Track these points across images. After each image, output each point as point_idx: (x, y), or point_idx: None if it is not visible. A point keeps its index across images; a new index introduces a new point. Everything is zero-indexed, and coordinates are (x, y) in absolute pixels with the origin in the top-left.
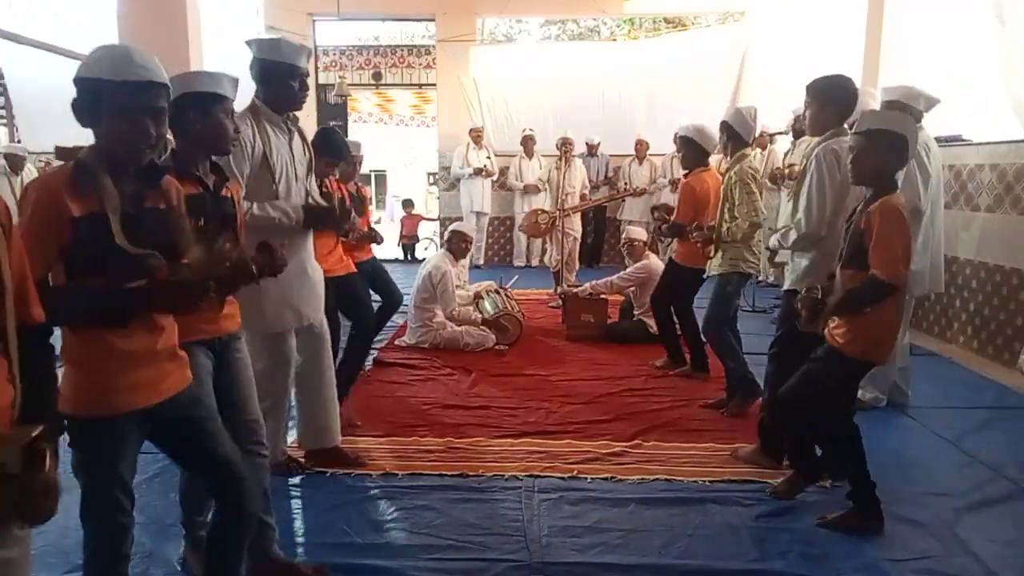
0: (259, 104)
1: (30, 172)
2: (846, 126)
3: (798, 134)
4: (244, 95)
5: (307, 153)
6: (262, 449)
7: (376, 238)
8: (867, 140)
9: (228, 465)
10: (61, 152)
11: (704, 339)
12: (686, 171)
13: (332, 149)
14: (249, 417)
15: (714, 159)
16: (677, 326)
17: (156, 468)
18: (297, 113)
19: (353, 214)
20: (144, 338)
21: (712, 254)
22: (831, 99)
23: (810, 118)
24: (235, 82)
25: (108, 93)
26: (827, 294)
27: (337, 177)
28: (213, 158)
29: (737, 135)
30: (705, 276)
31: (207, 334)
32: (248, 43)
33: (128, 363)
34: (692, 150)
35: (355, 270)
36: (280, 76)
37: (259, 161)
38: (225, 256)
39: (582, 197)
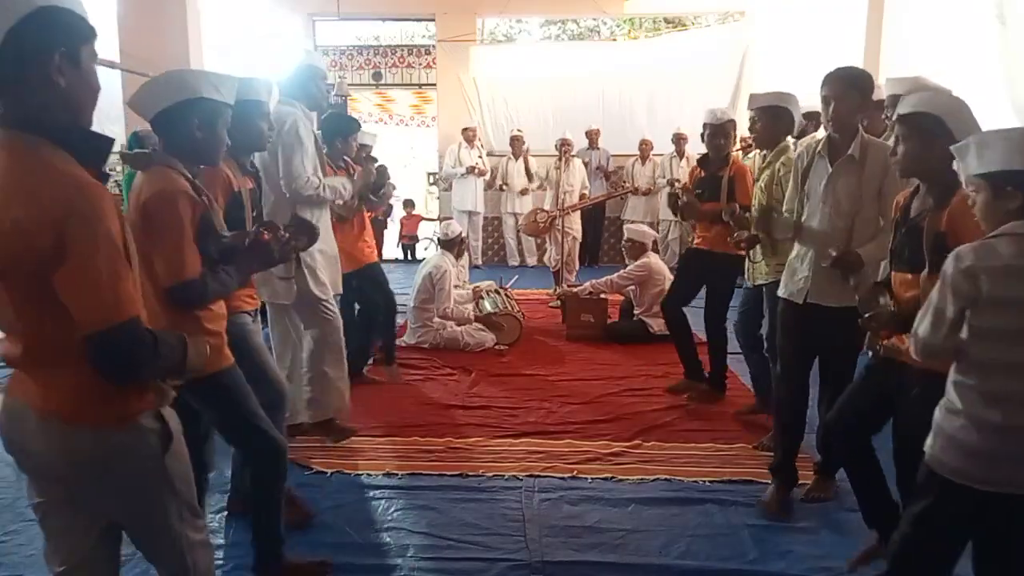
0: (295, 103)
1: None
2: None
3: (800, 133)
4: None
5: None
6: (286, 405)
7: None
8: (901, 126)
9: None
10: (129, 159)
11: (771, 358)
12: (749, 151)
13: (350, 123)
14: (275, 380)
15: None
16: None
17: None
18: None
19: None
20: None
21: (755, 258)
22: (859, 90)
23: (842, 112)
24: (269, 86)
25: (225, 115)
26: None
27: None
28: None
29: (792, 122)
30: (751, 285)
31: (251, 306)
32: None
33: (221, 321)
34: (782, 121)
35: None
36: (310, 78)
37: (314, 149)
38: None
39: (581, 196)
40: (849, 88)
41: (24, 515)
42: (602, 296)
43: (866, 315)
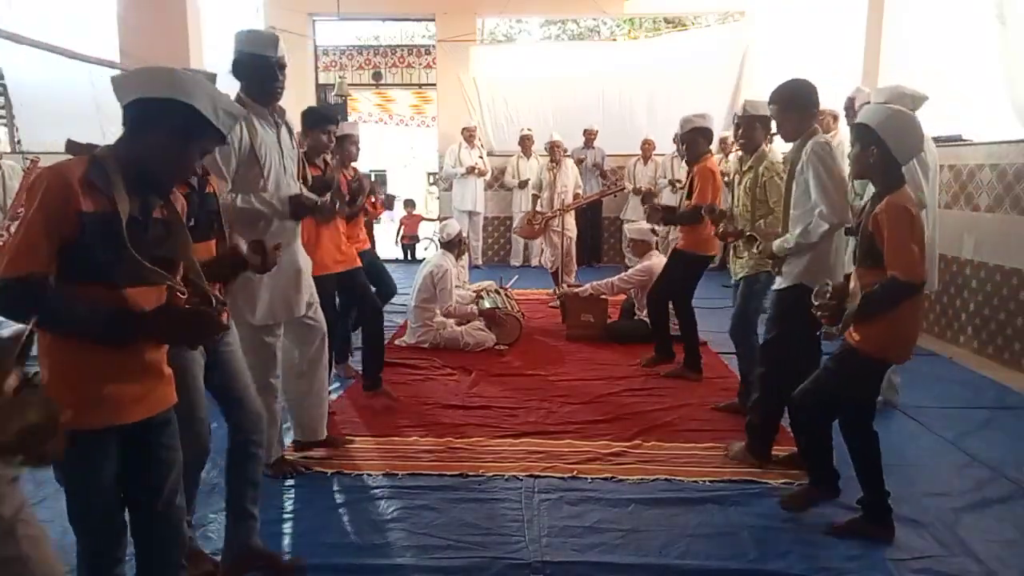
0: (244, 98)
1: (13, 170)
2: (818, 126)
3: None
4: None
5: (295, 147)
6: (260, 441)
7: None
8: (853, 135)
9: (167, 509)
10: (73, 147)
11: (732, 341)
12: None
13: (323, 116)
14: (250, 409)
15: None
16: (672, 324)
17: None
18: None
19: (360, 196)
20: (131, 349)
21: (740, 253)
22: (792, 105)
23: (786, 125)
24: (212, 79)
25: (205, 141)
26: (840, 292)
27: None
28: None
29: (769, 128)
30: (735, 280)
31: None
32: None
33: (113, 376)
34: (767, 128)
35: (360, 264)
36: (253, 67)
37: (246, 155)
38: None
39: (575, 196)
40: (787, 104)
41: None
42: (602, 296)
43: (816, 304)
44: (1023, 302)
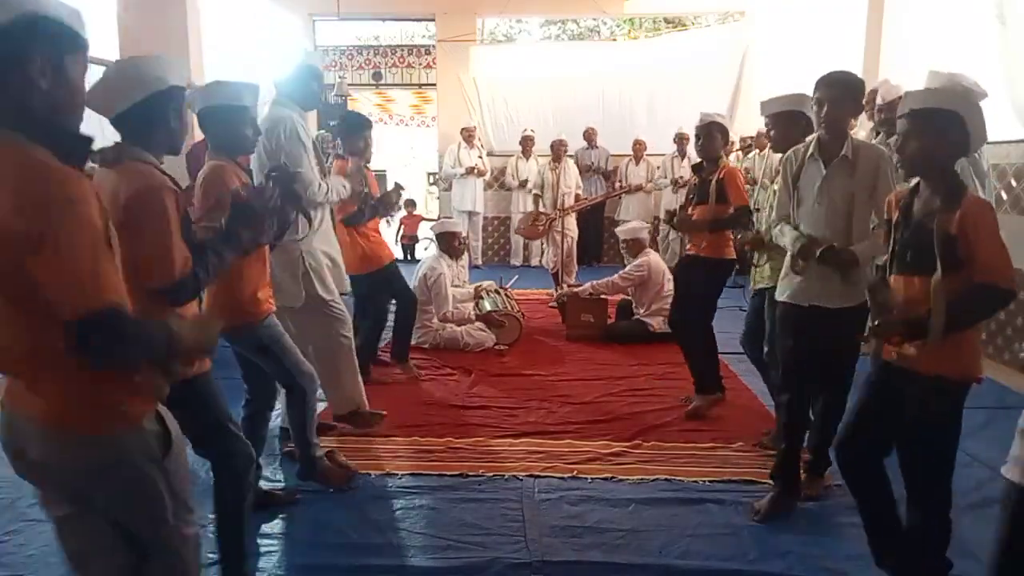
0: (287, 103)
1: None
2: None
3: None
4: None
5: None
6: (315, 390)
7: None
8: (912, 123)
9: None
10: (98, 154)
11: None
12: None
13: (359, 122)
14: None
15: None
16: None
17: None
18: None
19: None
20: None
21: (759, 262)
22: (847, 93)
23: (834, 115)
24: (256, 91)
25: (172, 96)
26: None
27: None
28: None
29: (809, 124)
30: (752, 289)
31: (272, 307)
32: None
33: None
34: (798, 125)
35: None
36: (311, 78)
37: (311, 148)
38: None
39: (576, 197)
40: (843, 92)
41: (25, 515)
42: (602, 296)
43: (875, 323)
44: (1023, 302)
